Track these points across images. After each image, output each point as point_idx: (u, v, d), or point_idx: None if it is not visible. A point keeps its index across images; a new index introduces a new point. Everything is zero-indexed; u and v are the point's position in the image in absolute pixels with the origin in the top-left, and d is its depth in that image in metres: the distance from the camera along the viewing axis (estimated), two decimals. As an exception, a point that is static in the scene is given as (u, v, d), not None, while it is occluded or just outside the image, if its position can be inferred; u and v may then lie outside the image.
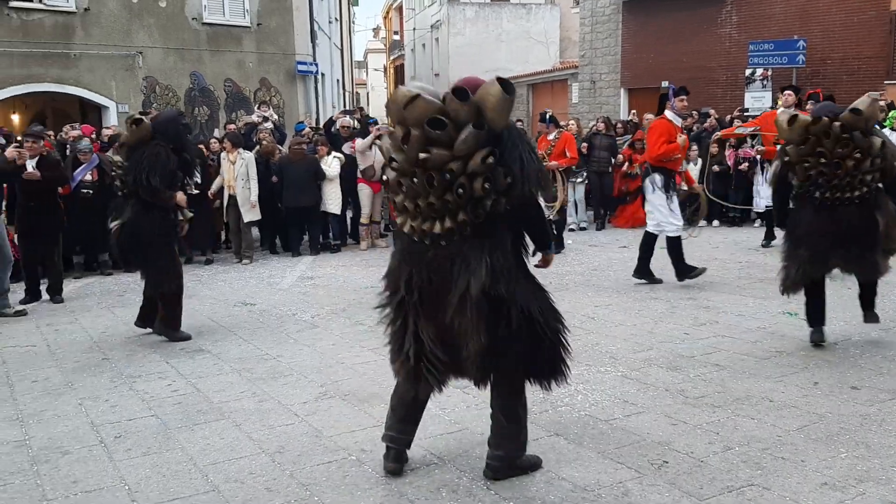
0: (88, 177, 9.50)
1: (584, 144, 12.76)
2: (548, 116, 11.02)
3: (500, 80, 3.31)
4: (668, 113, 7.95)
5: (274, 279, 9.31)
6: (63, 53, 14.84)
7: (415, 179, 3.36)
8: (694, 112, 13.86)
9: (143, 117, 6.33)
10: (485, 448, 4.03)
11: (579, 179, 12.79)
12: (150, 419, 4.66)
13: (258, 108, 14.26)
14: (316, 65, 19.13)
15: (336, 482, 3.71)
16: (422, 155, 3.29)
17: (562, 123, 11.99)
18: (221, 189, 10.57)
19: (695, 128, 13.28)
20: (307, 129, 12.65)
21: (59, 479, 3.84)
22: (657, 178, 7.94)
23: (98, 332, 6.88)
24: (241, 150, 10.56)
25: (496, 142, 3.31)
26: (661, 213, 7.93)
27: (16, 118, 16.93)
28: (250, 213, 10.50)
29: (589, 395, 4.80)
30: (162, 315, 6.49)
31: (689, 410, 4.52)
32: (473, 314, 3.34)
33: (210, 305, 7.84)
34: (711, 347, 5.80)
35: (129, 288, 8.87)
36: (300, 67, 18.12)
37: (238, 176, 10.37)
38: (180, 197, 6.47)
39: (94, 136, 11.23)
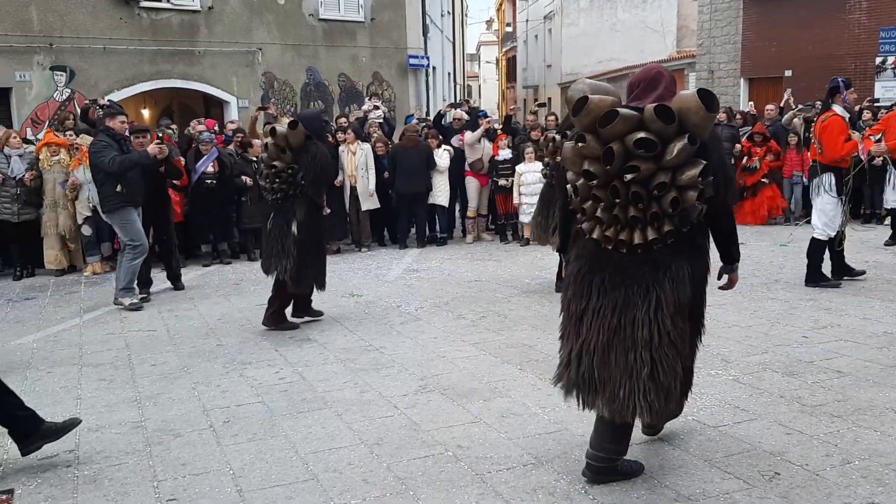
0: (210, 168, 9.92)
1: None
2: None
3: (700, 93, 3.22)
4: (836, 108, 7.34)
5: (381, 271, 9.44)
6: (188, 51, 15.53)
7: (617, 191, 3.28)
8: (817, 102, 13.10)
9: (298, 120, 6.48)
10: (584, 450, 3.94)
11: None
12: (258, 405, 4.80)
13: (368, 100, 14.46)
14: (427, 58, 19.27)
15: (432, 477, 3.71)
16: (627, 176, 3.23)
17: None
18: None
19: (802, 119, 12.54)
20: (415, 121, 12.75)
21: (170, 460, 4.01)
22: (827, 179, 7.31)
23: (214, 319, 7.17)
24: (359, 141, 10.85)
25: (702, 151, 3.26)
26: (828, 215, 7.35)
27: (146, 113, 17.87)
28: (369, 202, 10.80)
29: (697, 400, 4.60)
30: (276, 310, 6.67)
31: (805, 419, 4.26)
32: (677, 325, 3.32)
33: (319, 296, 7.99)
34: (832, 352, 5.45)
35: (244, 277, 9.21)
36: (412, 61, 18.29)
37: (358, 166, 10.67)
38: None
39: (216, 129, 11.72)
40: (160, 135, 9.14)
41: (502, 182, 10.98)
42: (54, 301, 8.23)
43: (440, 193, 11.17)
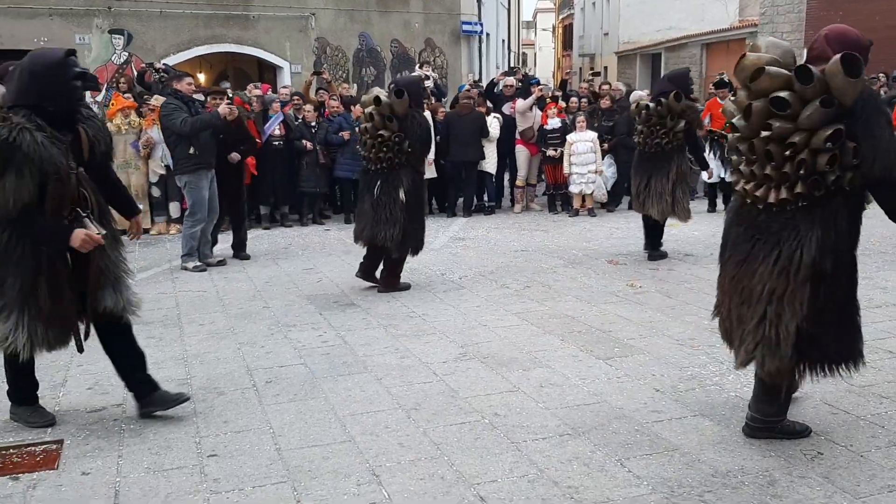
0: (277, 131, 10.01)
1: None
2: (724, 80, 10.42)
3: (843, 58, 3.17)
4: None
5: (427, 238, 9.42)
6: (243, 15, 15.64)
7: (754, 147, 3.39)
8: (881, 75, 12.62)
9: (402, 88, 6.58)
10: (623, 423, 3.92)
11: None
12: (300, 367, 4.87)
13: (419, 67, 14.39)
14: (481, 25, 19.08)
15: (467, 444, 3.72)
16: (763, 133, 3.33)
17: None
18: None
19: (882, 92, 12.08)
20: (468, 88, 12.63)
21: (213, 417, 4.10)
22: None
23: (262, 282, 7.28)
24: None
25: (849, 116, 3.21)
26: None
27: (201, 76, 18.09)
28: (428, 171, 10.61)
29: (741, 376, 4.50)
30: (389, 276, 6.81)
31: (852, 399, 4.16)
32: (797, 284, 3.32)
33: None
34: (885, 332, 5.29)
35: (293, 242, 9.33)
36: (465, 27, 18.13)
37: None
38: None
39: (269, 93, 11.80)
40: (230, 95, 9.21)
41: (551, 152, 10.84)
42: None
43: (489, 162, 11.08)
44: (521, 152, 11.25)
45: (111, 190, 4.08)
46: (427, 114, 10.66)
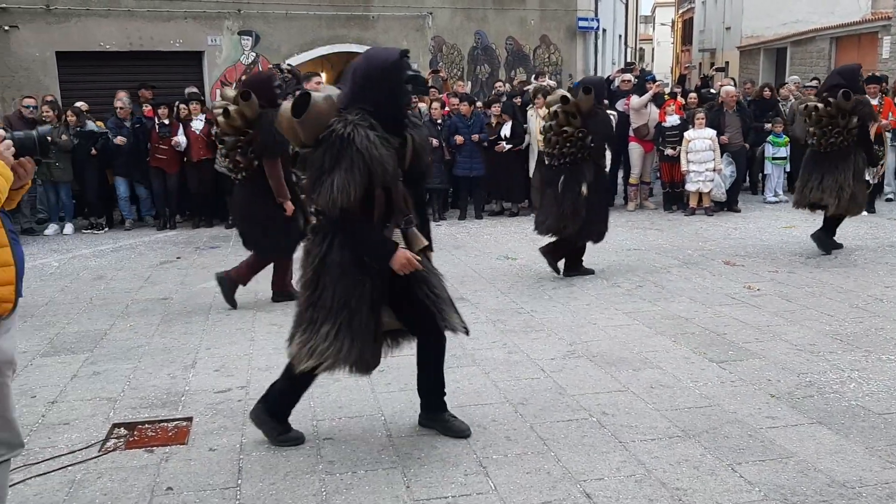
0: None
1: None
2: (877, 76, 9.95)
3: None
4: None
5: (537, 235, 9.42)
6: (363, 16, 16.06)
7: None
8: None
9: (590, 87, 6.91)
10: (735, 427, 3.84)
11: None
12: (411, 358, 4.96)
13: (535, 78, 14.15)
14: (598, 20, 18.82)
15: (574, 441, 3.74)
16: None
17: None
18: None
19: None
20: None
21: (328, 403, 4.29)
22: None
23: (375, 275, 7.49)
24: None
25: None
26: None
27: (323, 76, 18.70)
28: None
29: (863, 384, 4.33)
30: (574, 260, 7.20)
31: None
32: None
33: (475, 257, 8.19)
34: None
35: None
36: (581, 24, 17.93)
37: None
38: None
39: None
40: None
41: (669, 151, 10.60)
42: (235, 250, 8.89)
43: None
44: (636, 149, 11.06)
45: (419, 209, 3.78)
46: (612, 112, 10.71)
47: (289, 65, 12.91)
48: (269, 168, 6.02)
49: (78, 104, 10.45)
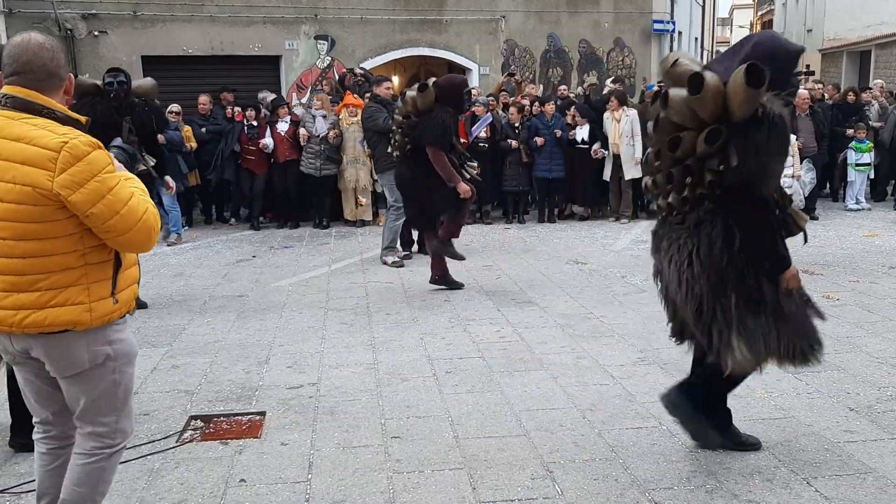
0: (483, 133, 10.32)
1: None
2: None
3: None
4: None
5: (608, 240, 9.36)
6: (436, 20, 16.16)
7: None
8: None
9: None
10: (811, 440, 3.74)
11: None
12: (478, 360, 5.03)
13: (612, 81, 13.95)
14: (673, 23, 18.50)
15: (643, 449, 3.70)
16: None
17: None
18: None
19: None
20: (656, 89, 12.32)
21: (396, 402, 4.34)
22: None
23: (444, 277, 7.54)
24: (625, 107, 10.58)
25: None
26: None
27: (395, 79, 18.92)
28: (633, 171, 10.38)
29: (951, 402, 4.15)
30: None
31: None
32: None
33: (544, 261, 8.16)
34: None
35: (474, 239, 9.56)
36: (656, 26, 17.65)
37: (623, 133, 10.39)
38: None
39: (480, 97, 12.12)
40: None
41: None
42: (308, 251, 9.09)
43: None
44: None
45: None
46: (632, 112, 10.55)
47: (362, 68, 13.13)
48: (433, 156, 6.57)
49: (172, 107, 10.74)
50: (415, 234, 8.85)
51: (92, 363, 2.56)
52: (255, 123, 10.42)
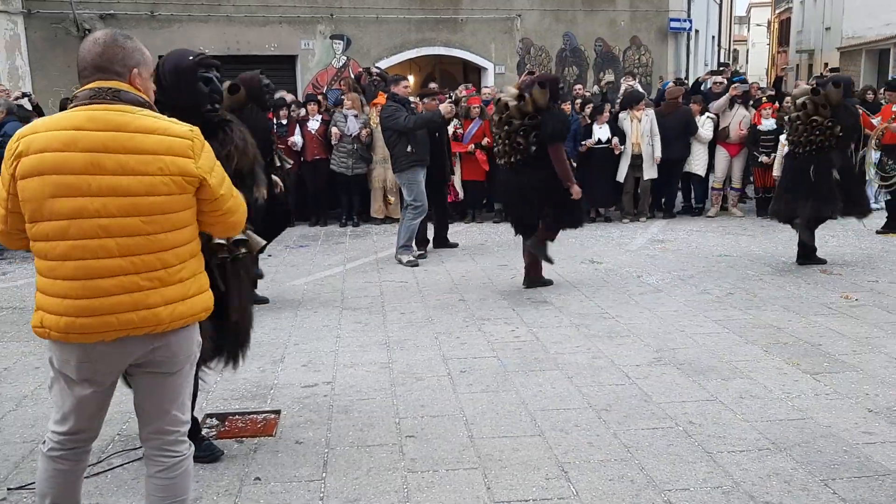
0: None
1: None
2: None
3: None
4: None
5: (623, 240, 9.31)
6: (452, 19, 16.16)
7: None
8: None
9: (840, 81, 7.32)
10: (829, 442, 3.70)
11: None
12: (492, 360, 5.02)
13: (623, 79, 13.88)
14: (690, 21, 18.40)
15: (659, 449, 3.68)
16: None
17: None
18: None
19: None
20: (671, 85, 12.23)
21: (411, 401, 4.34)
22: None
23: (458, 276, 7.54)
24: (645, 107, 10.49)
25: None
26: None
27: (410, 79, 18.91)
28: (650, 171, 10.36)
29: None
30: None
31: None
32: None
33: (559, 261, 8.08)
34: None
35: (489, 238, 9.55)
36: (673, 24, 17.56)
37: (643, 133, 10.28)
38: None
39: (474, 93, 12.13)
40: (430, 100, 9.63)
41: (763, 159, 10.24)
42: (323, 250, 9.11)
43: (697, 161, 10.64)
44: (719, 152, 10.73)
45: None
46: (651, 111, 10.47)
47: (377, 67, 13.14)
48: (555, 153, 6.51)
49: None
50: (430, 233, 8.86)
51: (195, 353, 2.60)
52: (284, 122, 10.44)
